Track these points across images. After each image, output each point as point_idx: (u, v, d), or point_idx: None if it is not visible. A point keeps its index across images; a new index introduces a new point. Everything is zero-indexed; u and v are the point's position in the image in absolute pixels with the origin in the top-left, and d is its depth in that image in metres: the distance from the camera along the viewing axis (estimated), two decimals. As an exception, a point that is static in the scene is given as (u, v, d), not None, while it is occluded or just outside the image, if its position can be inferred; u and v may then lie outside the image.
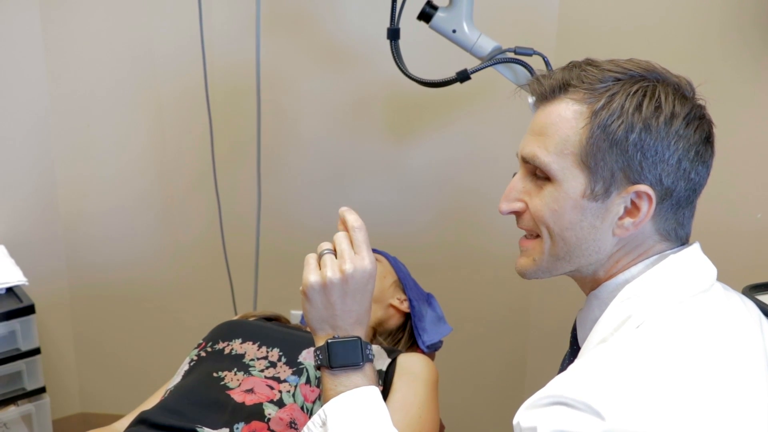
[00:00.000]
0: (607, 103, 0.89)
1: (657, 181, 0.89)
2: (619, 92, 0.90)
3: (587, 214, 0.92)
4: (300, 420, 1.12)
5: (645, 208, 0.90)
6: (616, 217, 0.92)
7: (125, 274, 2.23)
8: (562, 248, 0.95)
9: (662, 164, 0.89)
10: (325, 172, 2.08)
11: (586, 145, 0.90)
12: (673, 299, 0.88)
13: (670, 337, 0.82)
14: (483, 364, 2.13)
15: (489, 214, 1.98)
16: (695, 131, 0.90)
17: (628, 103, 0.89)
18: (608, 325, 0.88)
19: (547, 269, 0.99)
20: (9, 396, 1.82)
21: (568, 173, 0.92)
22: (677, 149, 0.89)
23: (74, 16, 2.02)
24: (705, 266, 0.95)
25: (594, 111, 0.90)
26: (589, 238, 0.94)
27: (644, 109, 0.89)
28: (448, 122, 1.97)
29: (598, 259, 0.95)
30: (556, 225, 0.94)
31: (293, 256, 2.15)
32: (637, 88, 0.90)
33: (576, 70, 0.94)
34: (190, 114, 2.05)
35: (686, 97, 0.92)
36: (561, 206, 0.93)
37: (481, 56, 1.42)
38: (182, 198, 2.17)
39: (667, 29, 1.69)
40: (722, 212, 1.62)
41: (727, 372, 0.81)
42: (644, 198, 0.90)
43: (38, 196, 2.12)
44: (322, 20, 1.96)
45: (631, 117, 0.88)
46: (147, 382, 1.60)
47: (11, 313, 1.77)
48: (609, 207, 0.91)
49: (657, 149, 0.88)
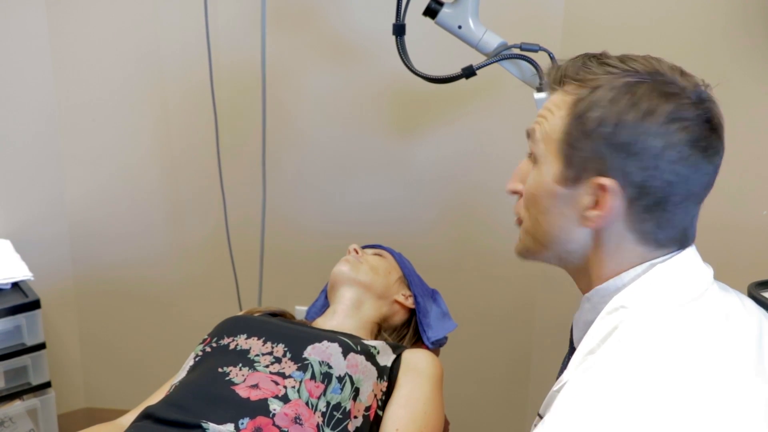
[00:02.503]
0: (588, 95, 0.90)
1: (624, 176, 0.88)
2: (604, 85, 0.90)
3: (558, 201, 0.94)
4: (305, 415, 1.12)
5: (609, 202, 0.89)
6: (584, 208, 0.92)
7: (131, 269, 2.23)
8: (539, 232, 0.98)
9: (633, 160, 0.87)
10: (331, 169, 2.08)
11: (564, 132, 0.92)
12: (660, 310, 0.87)
13: (650, 355, 0.82)
14: (488, 360, 2.13)
15: (494, 211, 1.98)
16: (678, 132, 0.87)
17: (606, 96, 0.88)
18: (596, 336, 0.88)
19: (532, 251, 1.01)
20: (14, 391, 1.83)
21: (549, 158, 0.94)
22: (651, 147, 0.86)
23: (80, 14, 2.02)
24: (696, 273, 0.93)
25: (575, 101, 0.91)
26: (559, 225, 0.95)
27: (620, 103, 0.88)
28: (454, 118, 1.96)
29: (574, 250, 0.96)
30: (533, 208, 0.97)
31: (298, 254, 2.18)
32: (622, 83, 0.89)
33: (579, 62, 0.94)
34: (196, 111, 2.05)
35: (673, 95, 0.88)
36: (538, 190, 0.96)
37: (486, 52, 1.41)
38: (188, 194, 2.17)
39: (673, 24, 1.69)
40: (728, 208, 1.62)
41: (710, 388, 0.81)
42: (609, 191, 0.89)
43: (44, 191, 2.12)
44: (328, 16, 1.95)
45: (605, 109, 0.88)
46: (152, 378, 1.61)
47: (17, 308, 1.78)
48: (577, 196, 0.92)
49: (628, 144, 0.87)
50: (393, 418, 1.22)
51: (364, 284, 1.45)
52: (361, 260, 1.49)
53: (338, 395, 1.17)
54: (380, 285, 1.47)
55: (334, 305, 1.45)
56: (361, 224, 2.09)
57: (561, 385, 0.86)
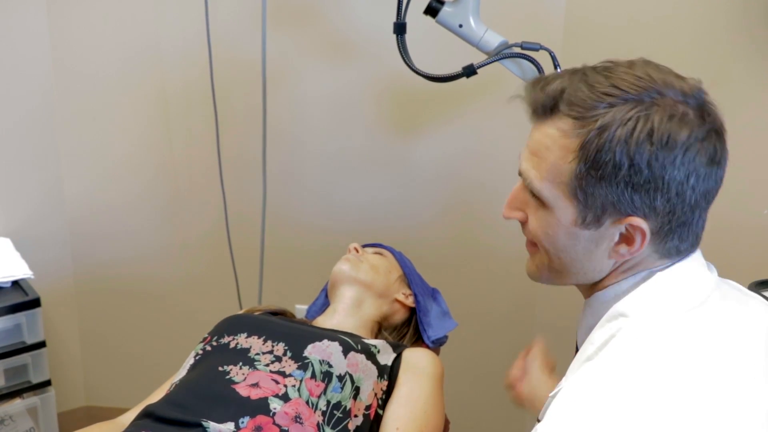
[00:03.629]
0: (596, 137, 0.85)
1: (651, 210, 0.87)
2: (611, 123, 0.84)
3: (581, 240, 0.92)
4: (305, 414, 1.12)
5: (639, 240, 0.88)
6: (612, 243, 0.91)
7: (131, 267, 2.23)
8: (559, 265, 0.96)
9: (657, 194, 0.85)
10: (331, 167, 2.08)
11: (575, 178, 0.88)
12: (659, 318, 0.87)
13: (646, 363, 0.82)
14: (488, 359, 2.12)
15: (494, 210, 1.96)
16: (696, 156, 0.85)
17: (616, 135, 0.84)
18: (594, 343, 0.88)
19: (549, 279, 1.00)
20: (15, 389, 1.83)
21: (560, 202, 0.91)
22: (673, 178, 0.85)
23: (81, 11, 2.02)
24: (697, 281, 0.93)
25: (582, 144, 0.86)
26: (585, 260, 0.94)
27: (635, 143, 0.83)
28: (455, 117, 1.96)
29: (597, 275, 0.96)
30: (551, 246, 0.95)
31: (298, 252, 2.18)
32: (629, 116, 0.84)
33: (568, 84, 0.89)
34: (196, 108, 2.05)
35: (683, 118, 0.85)
36: (554, 231, 0.93)
37: (487, 51, 1.41)
38: (188, 192, 2.17)
39: (674, 23, 1.69)
40: (729, 208, 1.61)
41: (705, 395, 0.81)
42: (638, 230, 0.88)
43: (44, 189, 2.12)
44: (329, 14, 1.95)
45: (620, 151, 0.84)
46: (152, 377, 1.61)
47: (17, 306, 1.78)
48: (603, 234, 0.90)
49: (650, 181, 0.85)
50: (393, 417, 1.22)
51: (364, 283, 1.45)
52: (362, 259, 1.49)
53: (338, 394, 1.17)
54: (381, 284, 1.47)
55: (334, 304, 1.45)
56: (362, 223, 2.09)
57: (557, 391, 0.86)
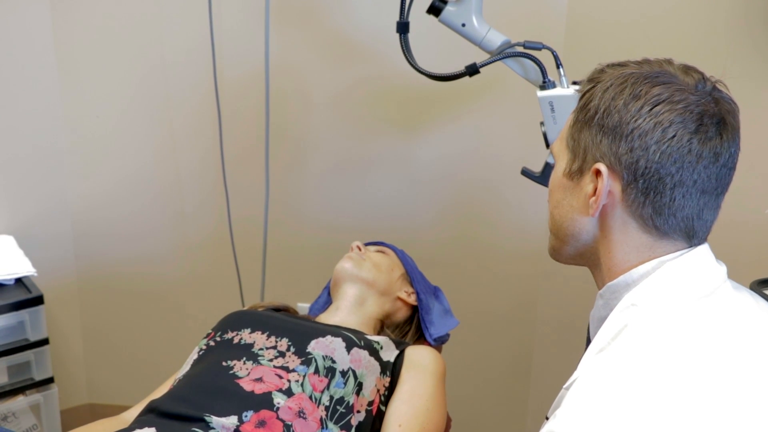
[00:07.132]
0: (591, 89, 0.94)
1: (616, 159, 0.90)
2: (604, 80, 0.93)
3: (567, 193, 0.98)
4: (308, 409, 1.13)
5: (600, 185, 0.91)
6: (586, 197, 0.94)
7: (133, 265, 2.24)
8: (555, 226, 1.02)
9: (622, 142, 0.90)
10: (333, 166, 2.09)
11: (570, 126, 0.97)
12: (670, 307, 0.88)
13: (658, 352, 0.83)
14: (490, 357, 2.13)
15: (497, 209, 1.98)
16: (666, 112, 0.88)
17: (603, 87, 0.92)
18: (607, 334, 0.89)
19: (556, 249, 1.04)
20: (17, 386, 1.83)
21: (561, 153, 0.99)
22: (638, 127, 0.88)
23: (84, 12, 2.03)
24: (707, 271, 0.93)
25: (580, 98, 0.96)
26: (569, 217, 0.98)
27: (613, 90, 0.91)
28: (457, 116, 1.97)
29: (586, 241, 0.98)
30: (550, 203, 1.02)
31: (301, 251, 2.18)
32: (623, 79, 0.92)
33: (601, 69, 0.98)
34: (200, 108, 2.05)
35: (665, 83, 0.90)
36: (554, 186, 1.01)
37: (490, 50, 1.42)
38: (191, 191, 2.17)
39: (676, 22, 1.69)
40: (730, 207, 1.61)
41: (716, 384, 0.81)
42: (602, 175, 0.91)
43: (47, 187, 2.13)
44: (332, 13, 1.96)
45: (599, 98, 0.92)
46: (154, 374, 1.61)
47: (20, 303, 1.78)
48: (581, 186, 0.95)
49: (616, 127, 0.90)
50: (395, 414, 1.23)
51: (366, 281, 1.46)
52: (364, 257, 1.50)
53: (341, 389, 1.18)
54: (383, 282, 1.48)
55: (336, 302, 1.46)
56: (364, 221, 2.10)
57: (571, 383, 0.86)
